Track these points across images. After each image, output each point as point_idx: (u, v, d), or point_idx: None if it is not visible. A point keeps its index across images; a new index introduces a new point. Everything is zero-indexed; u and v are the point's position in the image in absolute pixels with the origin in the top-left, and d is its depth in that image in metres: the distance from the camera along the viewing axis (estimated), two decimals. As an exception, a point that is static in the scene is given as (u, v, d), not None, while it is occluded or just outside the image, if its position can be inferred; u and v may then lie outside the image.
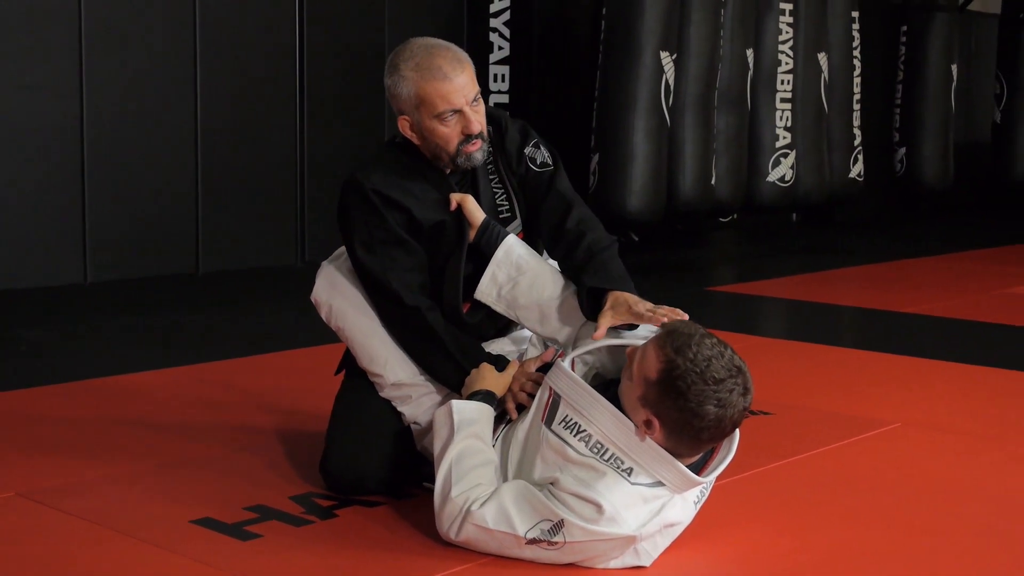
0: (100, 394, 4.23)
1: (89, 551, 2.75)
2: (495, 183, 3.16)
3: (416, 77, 2.97)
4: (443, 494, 2.71)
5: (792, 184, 8.61)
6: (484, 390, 2.92)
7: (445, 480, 2.72)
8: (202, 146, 6.53)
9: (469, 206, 3.06)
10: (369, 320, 3.10)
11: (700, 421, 2.54)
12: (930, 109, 10.33)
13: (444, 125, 2.99)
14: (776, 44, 8.52)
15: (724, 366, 2.54)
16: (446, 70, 2.95)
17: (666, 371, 2.53)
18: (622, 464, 2.60)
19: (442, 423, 2.84)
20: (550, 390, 2.76)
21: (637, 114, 7.37)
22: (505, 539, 2.63)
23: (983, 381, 4.71)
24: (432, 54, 2.97)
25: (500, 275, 3.04)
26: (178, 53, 6.40)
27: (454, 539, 2.70)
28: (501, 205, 3.16)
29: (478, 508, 2.64)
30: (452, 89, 2.96)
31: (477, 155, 3.04)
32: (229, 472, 3.32)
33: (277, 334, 5.42)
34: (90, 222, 6.10)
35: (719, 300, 6.85)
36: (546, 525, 2.58)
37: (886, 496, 3.24)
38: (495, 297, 3.06)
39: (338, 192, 3.13)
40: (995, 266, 8.37)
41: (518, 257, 3.05)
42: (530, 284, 3.03)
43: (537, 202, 3.15)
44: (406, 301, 3.03)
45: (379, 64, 7.28)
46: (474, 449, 2.77)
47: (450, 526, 2.69)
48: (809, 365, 5.00)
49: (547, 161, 3.18)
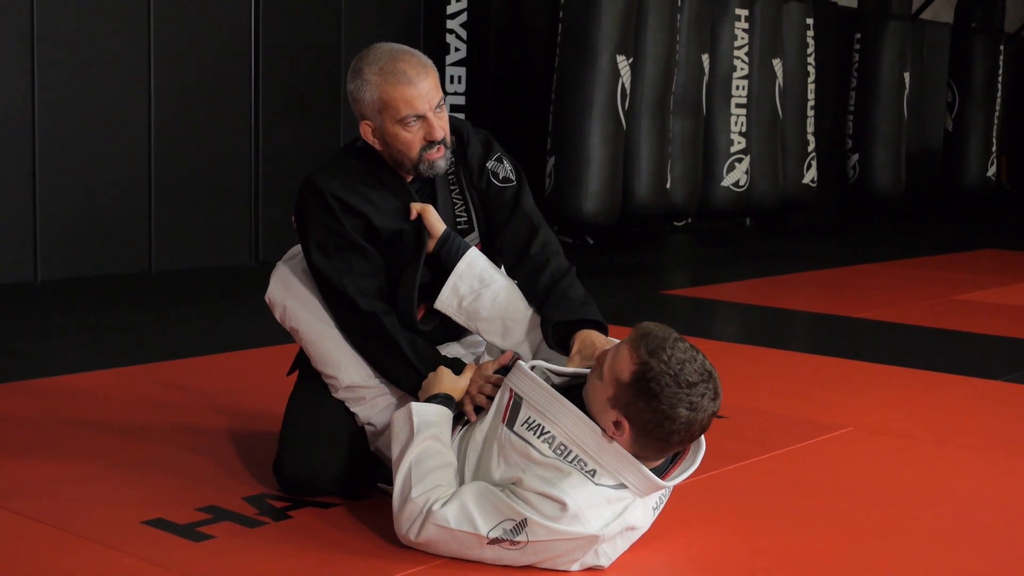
0: (50, 394, 4.19)
1: (39, 552, 2.71)
2: (455, 194, 3.15)
3: (380, 81, 2.95)
4: (403, 495, 2.70)
5: (746, 189, 8.67)
6: (442, 393, 2.91)
7: (404, 481, 2.71)
8: (155, 144, 6.48)
9: (430, 217, 3.05)
10: (323, 322, 3.09)
11: (671, 424, 2.55)
12: (883, 116, 10.43)
13: (407, 130, 2.97)
14: (732, 49, 8.57)
15: (696, 370, 2.55)
16: (410, 75, 2.94)
17: (639, 373, 2.54)
18: (586, 466, 2.61)
19: (401, 425, 2.83)
20: (510, 392, 2.75)
21: (593, 118, 7.39)
22: (467, 539, 2.62)
23: (934, 386, 4.75)
24: (396, 58, 2.96)
25: (462, 287, 3.04)
26: (132, 50, 6.35)
27: (413, 540, 2.69)
28: (460, 217, 3.15)
29: (439, 508, 2.63)
30: (416, 94, 2.95)
31: (440, 163, 3.03)
32: (181, 473, 3.29)
33: (230, 334, 5.38)
34: (41, 219, 6.04)
35: (673, 304, 6.88)
36: (508, 524, 2.58)
37: (838, 500, 3.26)
38: (455, 308, 3.06)
39: (294, 193, 3.12)
40: (946, 272, 8.45)
41: (481, 270, 3.05)
42: (493, 297, 3.03)
43: (500, 220, 3.15)
44: (361, 306, 3.01)
45: (335, 63, 7.30)
46: (433, 451, 2.77)
47: (410, 527, 2.68)
48: (762, 369, 5.02)
49: (510, 176, 3.18)
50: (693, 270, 8.73)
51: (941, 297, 7.23)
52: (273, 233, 6.98)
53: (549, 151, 7.56)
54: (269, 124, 6.97)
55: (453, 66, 7.72)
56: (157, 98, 6.46)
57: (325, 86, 7.25)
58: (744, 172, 8.63)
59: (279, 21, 6.99)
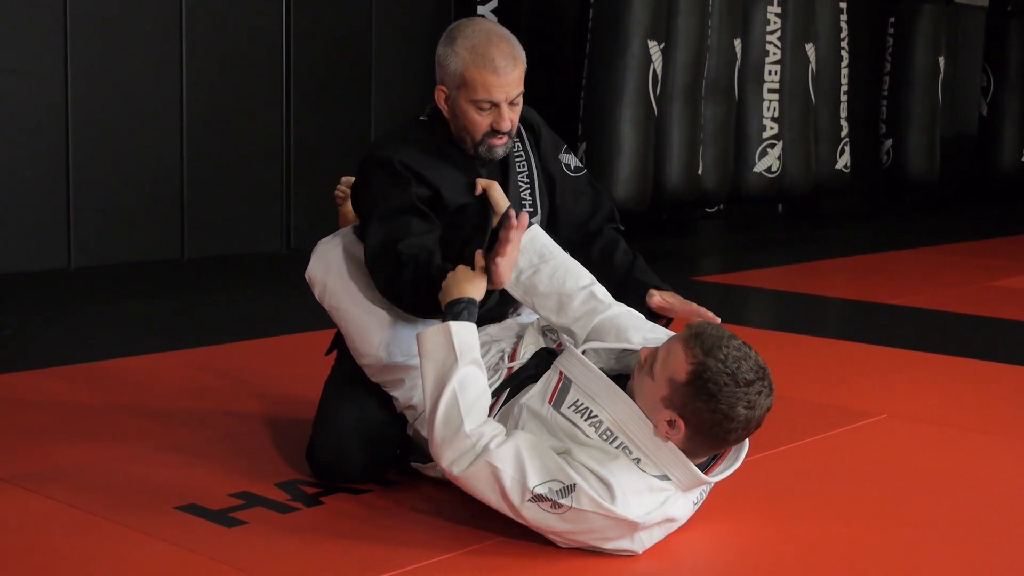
0: (84, 380, 4.21)
1: (73, 537, 2.73)
2: (522, 176, 3.17)
3: (468, 58, 2.95)
4: (450, 425, 2.62)
5: (778, 175, 8.61)
6: (466, 297, 2.79)
7: (450, 410, 2.63)
8: (188, 131, 6.50)
9: (495, 194, 3.04)
10: (365, 302, 3.07)
11: (730, 423, 2.54)
12: (917, 101, 10.34)
13: (478, 113, 2.98)
14: (764, 34, 8.51)
15: (752, 368, 2.54)
16: (498, 63, 2.94)
17: (696, 372, 2.52)
18: (631, 453, 2.60)
19: (437, 345, 2.72)
20: (560, 374, 2.73)
21: (625, 104, 7.36)
22: (513, 487, 2.56)
23: (969, 373, 4.72)
24: (491, 42, 2.96)
25: (522, 260, 3.01)
26: (164, 38, 6.37)
27: (456, 473, 2.62)
28: (524, 200, 3.16)
29: (495, 447, 2.57)
30: (498, 84, 2.95)
31: (499, 150, 3.05)
32: (214, 458, 3.31)
33: (263, 320, 5.40)
34: (75, 207, 6.07)
35: (705, 290, 6.86)
36: (556, 485, 2.54)
37: (871, 487, 3.24)
38: (513, 280, 3.01)
39: (326, 180, 3.11)
40: (980, 259, 8.39)
41: (542, 246, 3.04)
42: (551, 273, 3.01)
43: (582, 202, 3.29)
44: (403, 255, 2.92)
45: (366, 50, 7.30)
46: (474, 376, 2.70)
47: (456, 459, 2.61)
48: (795, 356, 5.00)
49: (580, 166, 3.32)
50: (725, 256, 8.70)
51: (976, 284, 7.17)
52: (305, 220, 6.98)
53: (580, 137, 7.54)
54: (300, 111, 6.97)
55: (484, 52, 7.71)
56: (189, 86, 6.47)
57: (356, 73, 7.24)
58: (776, 158, 8.58)
59: (310, 8, 6.99)
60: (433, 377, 2.71)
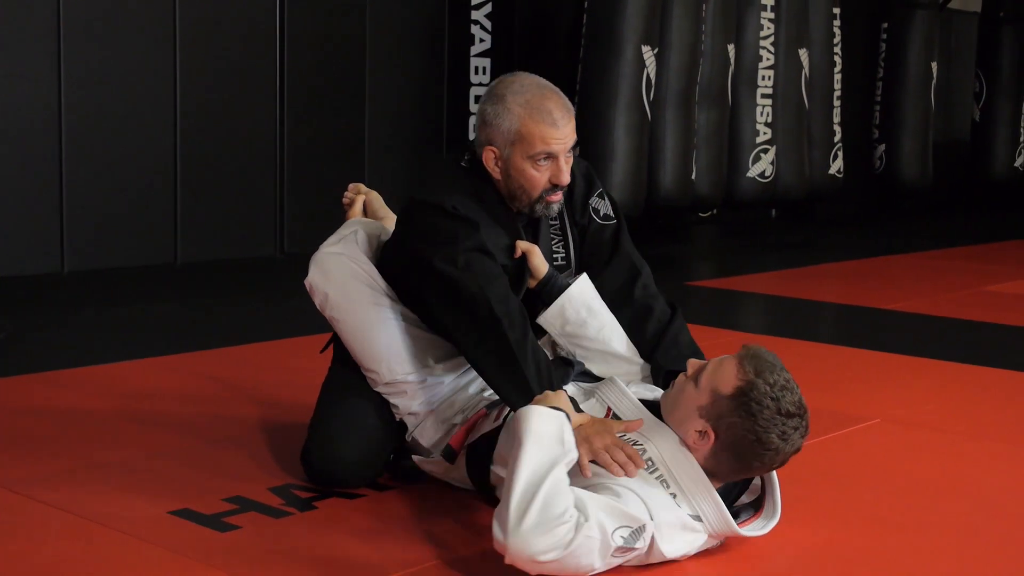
0: (76, 385, 4.21)
1: (66, 542, 2.73)
2: (554, 229, 3.13)
3: (523, 114, 2.90)
4: (551, 511, 2.37)
5: (772, 180, 8.63)
6: (564, 411, 2.59)
7: (548, 500, 2.38)
8: (181, 136, 6.50)
9: (535, 260, 3.02)
10: (367, 315, 3.04)
11: (760, 447, 2.55)
12: (910, 106, 10.37)
13: (536, 168, 2.92)
14: (757, 40, 8.53)
15: (795, 402, 2.57)
16: (556, 116, 2.91)
17: (743, 389, 2.54)
18: (667, 487, 2.58)
19: (549, 434, 2.51)
20: (608, 410, 2.78)
21: (618, 109, 7.38)
22: (604, 550, 2.41)
23: (962, 378, 4.72)
24: (545, 96, 2.92)
25: (569, 310, 3.02)
26: (158, 43, 6.37)
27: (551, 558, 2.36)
28: (556, 253, 3.13)
29: (584, 521, 2.40)
30: (556, 136, 2.91)
31: (555, 206, 3.02)
32: (207, 463, 3.30)
33: (255, 325, 5.40)
34: (68, 211, 6.07)
35: (699, 295, 6.86)
36: (626, 532, 2.44)
37: (864, 492, 3.24)
38: (558, 330, 3.05)
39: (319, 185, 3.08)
40: (974, 264, 8.40)
41: (590, 299, 3.05)
42: (598, 329, 3.03)
43: (601, 259, 3.15)
44: (495, 310, 2.77)
45: (360, 55, 7.31)
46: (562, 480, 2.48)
47: (552, 547, 2.35)
48: (788, 360, 4.95)
49: (610, 214, 3.19)
50: (718, 261, 8.70)
51: (969, 288, 7.18)
52: (298, 225, 6.99)
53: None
54: (294, 116, 6.98)
55: (477, 57, 7.71)
56: (183, 91, 6.47)
57: (350, 79, 7.25)
58: (770, 163, 8.60)
59: (304, 13, 7.00)
60: (534, 463, 2.45)
